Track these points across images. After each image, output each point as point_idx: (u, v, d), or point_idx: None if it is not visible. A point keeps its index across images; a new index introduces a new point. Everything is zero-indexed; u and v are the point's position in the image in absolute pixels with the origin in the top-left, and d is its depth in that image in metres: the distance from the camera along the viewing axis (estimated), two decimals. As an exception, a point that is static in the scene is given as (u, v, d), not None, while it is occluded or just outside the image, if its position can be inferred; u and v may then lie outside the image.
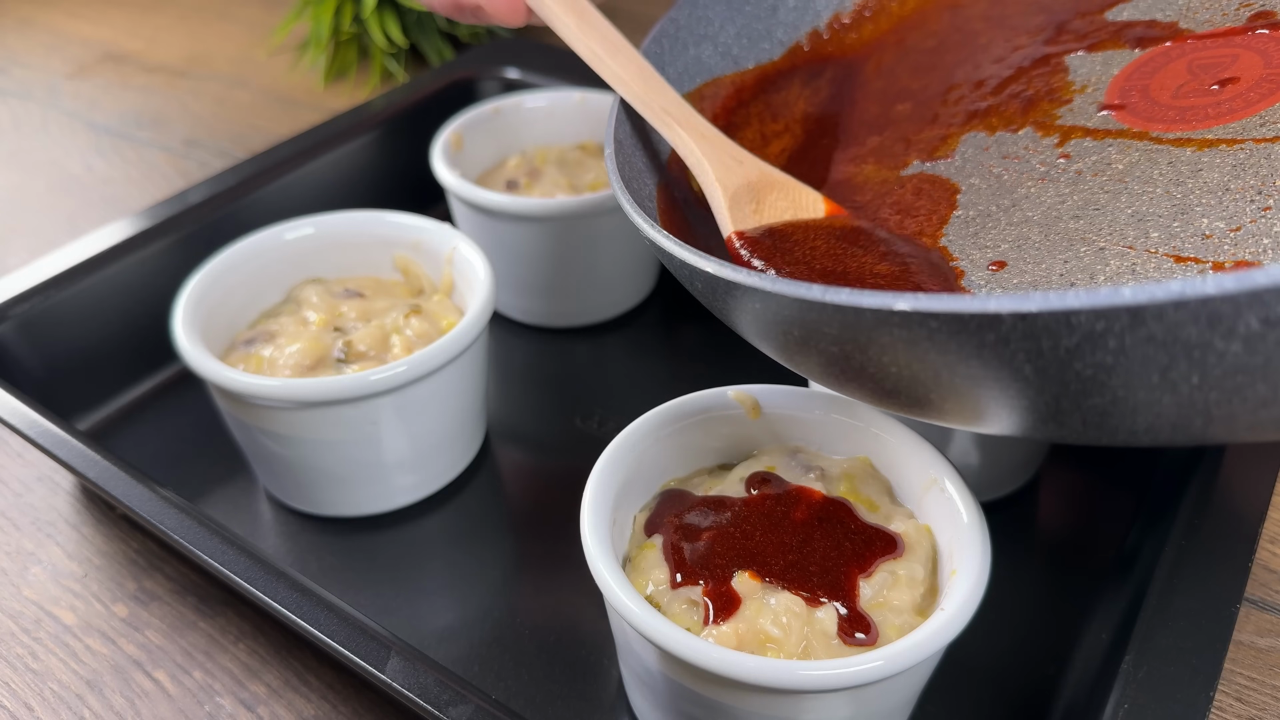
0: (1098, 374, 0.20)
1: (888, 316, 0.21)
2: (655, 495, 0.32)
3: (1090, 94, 0.33)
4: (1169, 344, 0.19)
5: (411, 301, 0.42)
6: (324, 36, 0.75)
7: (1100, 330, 0.19)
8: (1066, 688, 0.33)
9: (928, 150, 0.35)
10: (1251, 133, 0.29)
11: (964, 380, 0.22)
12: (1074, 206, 0.30)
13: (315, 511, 0.41)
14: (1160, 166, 0.30)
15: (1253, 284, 0.17)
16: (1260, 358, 0.18)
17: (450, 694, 0.28)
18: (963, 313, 0.20)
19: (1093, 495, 0.41)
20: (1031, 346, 0.20)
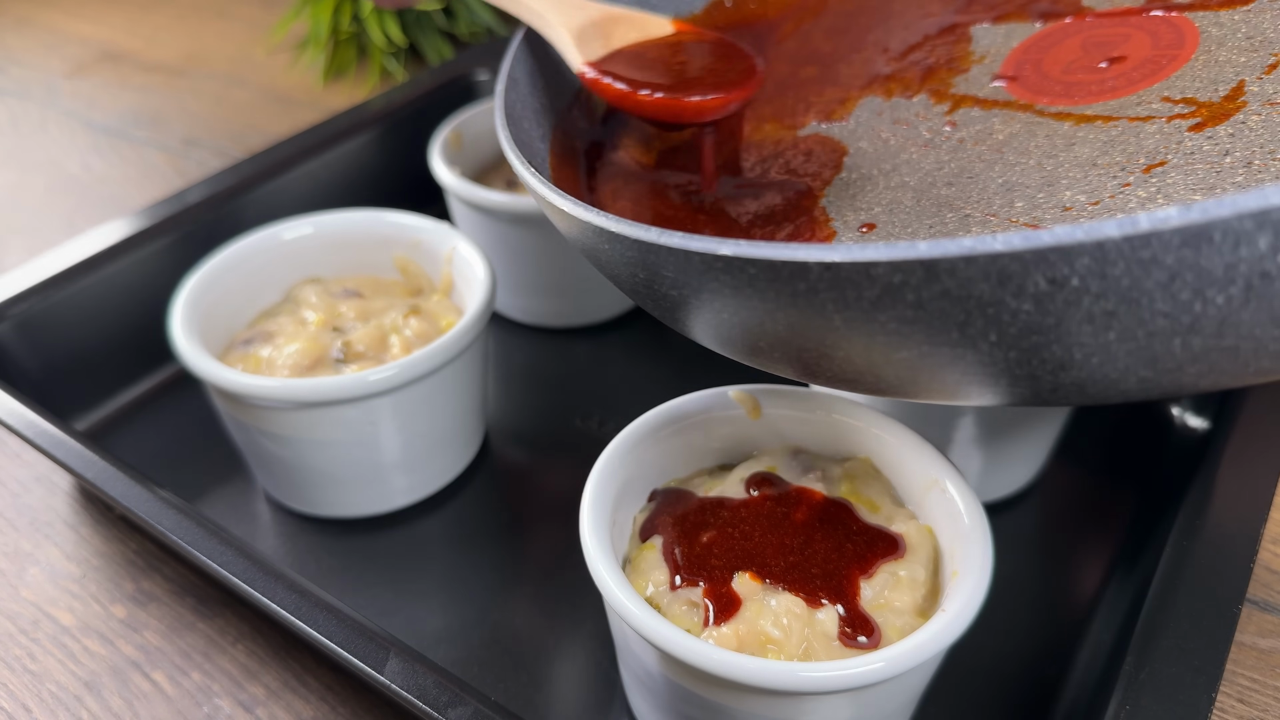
0: (900, 327, 0.21)
1: (710, 259, 0.22)
2: (654, 495, 0.32)
3: (987, 64, 0.34)
4: (964, 300, 0.19)
5: (410, 301, 0.42)
6: (323, 35, 0.75)
7: (898, 283, 0.19)
8: (1068, 689, 0.33)
9: (825, 112, 0.36)
10: (1128, 110, 0.30)
11: (785, 329, 0.23)
12: (949, 174, 0.31)
13: (314, 512, 0.41)
14: (1038, 138, 0.30)
15: (1039, 243, 0.18)
16: (1051, 318, 0.19)
17: (449, 695, 0.28)
18: (774, 259, 0.20)
19: (1094, 496, 0.41)
20: (839, 297, 0.20)
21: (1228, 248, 0.17)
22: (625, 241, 0.24)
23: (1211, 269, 0.18)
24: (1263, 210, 0.16)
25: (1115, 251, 0.17)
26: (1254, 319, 0.18)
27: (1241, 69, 0.29)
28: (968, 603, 0.26)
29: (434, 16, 0.76)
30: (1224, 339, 0.19)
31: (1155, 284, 0.18)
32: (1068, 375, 0.21)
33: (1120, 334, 0.19)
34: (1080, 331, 0.19)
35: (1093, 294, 0.18)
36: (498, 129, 0.32)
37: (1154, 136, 0.28)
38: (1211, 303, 0.18)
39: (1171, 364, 0.20)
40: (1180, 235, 0.17)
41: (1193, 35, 0.31)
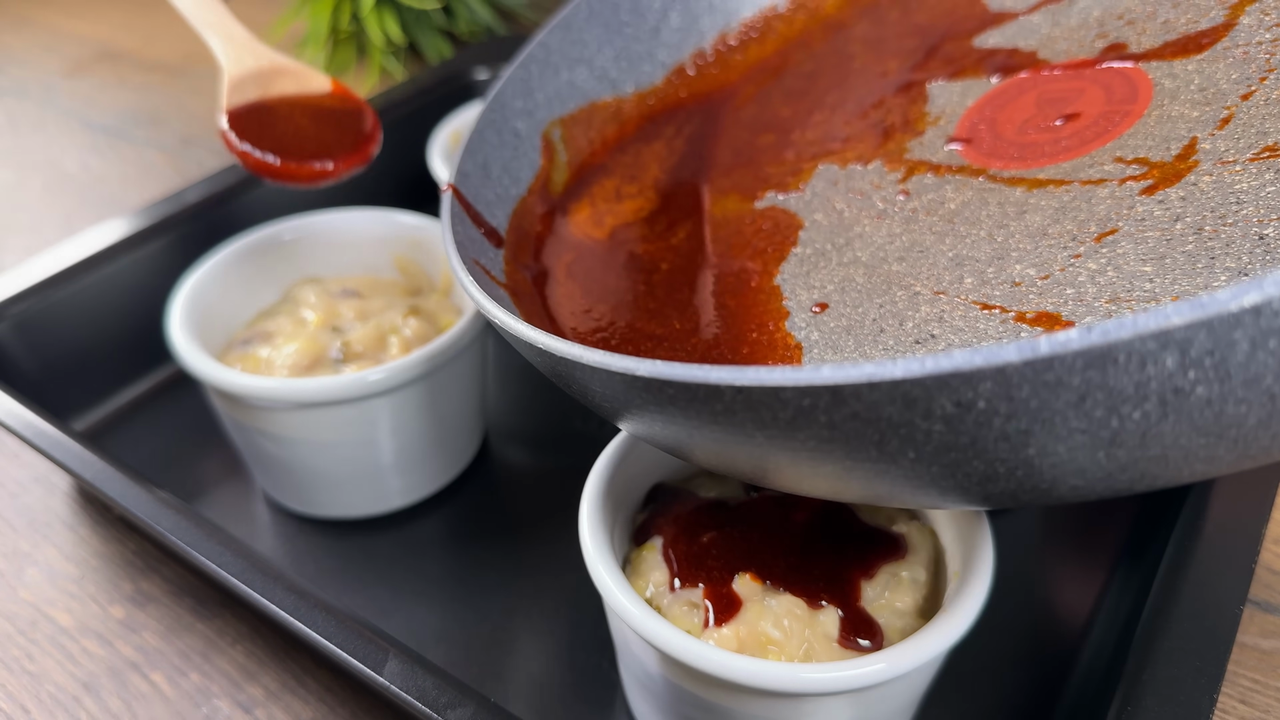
0: (820, 445, 0.20)
1: (630, 380, 0.22)
2: (654, 495, 0.32)
3: (942, 126, 0.33)
4: (875, 421, 0.19)
5: (410, 301, 0.42)
6: (322, 34, 0.75)
7: (808, 406, 0.19)
8: (1069, 690, 0.33)
9: (781, 183, 0.35)
10: (1080, 174, 0.29)
11: (716, 445, 0.23)
12: (901, 247, 0.30)
13: (313, 513, 0.41)
14: (990, 207, 0.30)
15: (939, 369, 0.17)
16: (965, 437, 0.19)
17: (449, 697, 0.28)
18: (689, 381, 0.20)
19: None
20: (755, 417, 0.20)
21: (1134, 368, 0.17)
22: (552, 357, 0.24)
23: (1121, 388, 0.17)
24: (1163, 331, 0.16)
25: (1018, 375, 0.17)
26: (1176, 430, 0.18)
27: (1194, 125, 0.28)
28: (969, 604, 0.26)
29: (433, 15, 0.76)
30: (1149, 450, 0.19)
31: (1065, 404, 0.18)
32: (996, 487, 0.21)
33: (1040, 450, 0.19)
34: (998, 449, 0.19)
35: (1002, 415, 0.18)
36: (444, 217, 0.33)
37: (1105, 201, 0.28)
38: (1128, 419, 0.18)
39: (1099, 474, 0.20)
40: (1082, 358, 0.17)
41: (1146, 88, 0.30)
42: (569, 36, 0.41)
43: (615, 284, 0.34)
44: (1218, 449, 0.19)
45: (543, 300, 0.34)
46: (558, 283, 0.35)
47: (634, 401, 0.23)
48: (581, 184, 0.39)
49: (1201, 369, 0.17)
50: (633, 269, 0.35)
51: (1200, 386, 0.17)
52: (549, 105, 0.40)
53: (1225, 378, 0.17)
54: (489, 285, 0.31)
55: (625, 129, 0.40)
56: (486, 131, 0.37)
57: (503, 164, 0.37)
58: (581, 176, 0.39)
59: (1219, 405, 0.17)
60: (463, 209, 0.34)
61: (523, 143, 0.38)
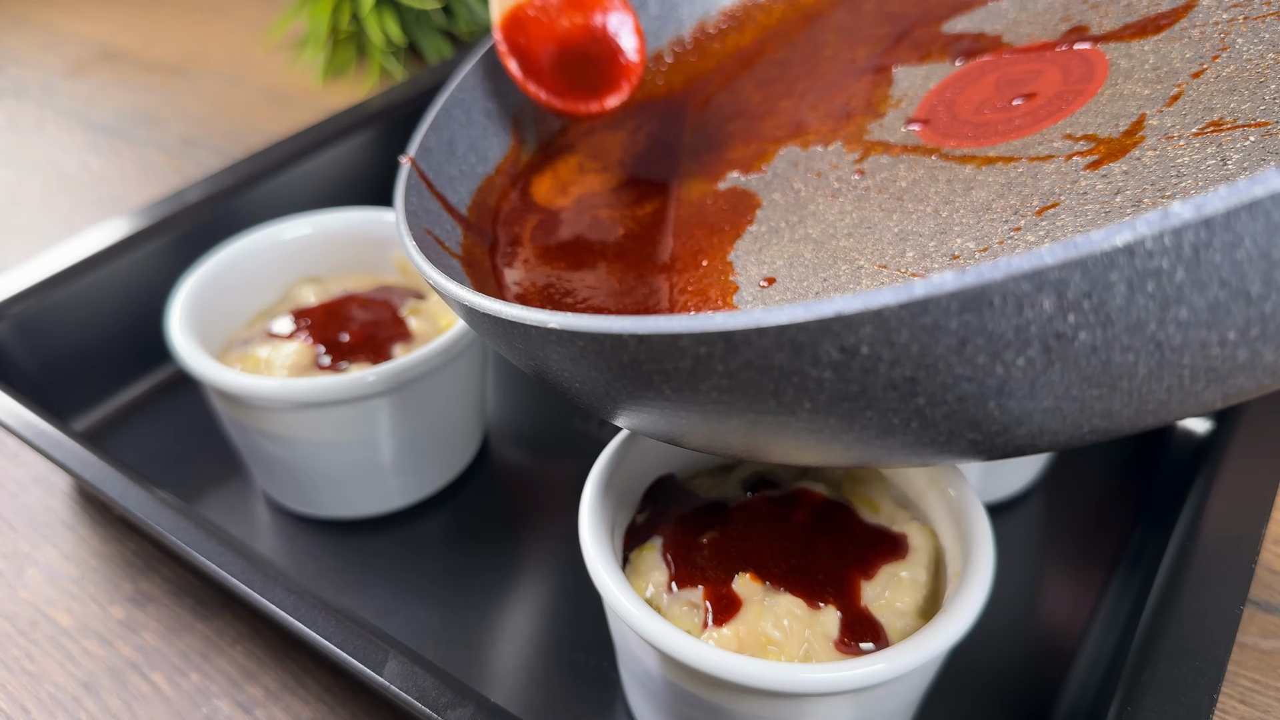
0: (722, 397, 0.20)
1: (545, 333, 0.22)
2: (655, 496, 0.32)
3: (903, 108, 0.33)
4: (768, 370, 0.19)
5: (410, 301, 0.42)
6: (322, 34, 0.75)
7: (705, 354, 0.19)
8: (1070, 690, 0.33)
9: (745, 164, 0.35)
10: (1029, 150, 0.29)
11: (630, 400, 0.23)
12: (850, 224, 0.30)
13: (312, 513, 0.41)
14: (939, 184, 0.30)
15: (820, 314, 0.17)
16: (855, 385, 0.19)
17: (449, 697, 0.28)
18: (595, 332, 0.20)
19: (1096, 497, 0.41)
20: (659, 368, 0.20)
21: (1011, 311, 0.17)
22: (476, 313, 0.24)
23: (1000, 332, 0.17)
24: (1037, 271, 0.16)
25: (895, 319, 0.17)
26: (1065, 380, 0.18)
27: (1144, 102, 0.28)
28: (969, 604, 0.26)
29: (433, 15, 0.75)
30: (1040, 401, 0.18)
31: (946, 349, 0.17)
32: (895, 439, 0.20)
33: (929, 399, 0.19)
34: (887, 397, 0.19)
35: (886, 361, 0.18)
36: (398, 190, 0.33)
37: (1051, 176, 0.28)
38: (1013, 366, 0.18)
39: (995, 427, 0.19)
40: (958, 300, 0.16)
41: (1102, 68, 0.30)
42: None
43: (572, 252, 0.34)
44: (1112, 402, 0.19)
45: (495, 270, 0.34)
46: (516, 251, 0.35)
47: (552, 358, 0.23)
48: (545, 159, 0.39)
49: (1081, 312, 0.16)
50: (591, 237, 0.35)
51: (1083, 332, 0.17)
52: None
53: (1107, 323, 0.17)
54: (439, 255, 0.31)
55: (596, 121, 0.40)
56: (454, 110, 0.37)
57: (470, 142, 0.37)
58: (547, 154, 0.39)
59: (1105, 353, 0.17)
60: (421, 181, 0.34)
61: (493, 123, 0.38)
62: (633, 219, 0.35)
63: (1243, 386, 0.19)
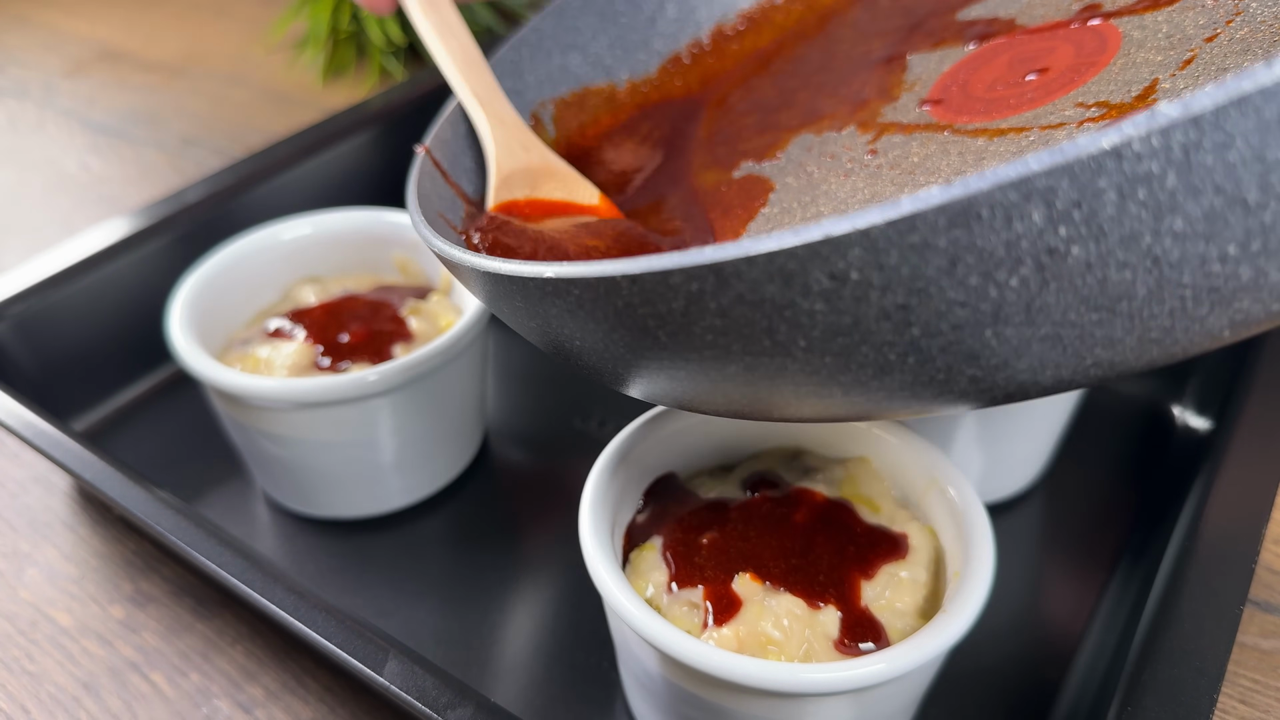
0: (717, 338, 0.20)
1: (541, 284, 0.22)
2: (655, 495, 0.32)
3: (917, 91, 0.33)
4: (760, 304, 0.19)
5: (410, 301, 0.42)
6: (322, 34, 0.75)
7: (697, 291, 0.19)
8: (1070, 690, 0.33)
9: (759, 153, 0.35)
10: (1041, 120, 0.29)
11: (628, 353, 0.22)
12: (862, 200, 0.30)
13: (312, 513, 0.41)
14: (950, 157, 0.29)
15: (809, 238, 0.17)
16: (848, 317, 0.18)
17: (449, 697, 0.28)
18: (589, 277, 0.20)
19: (1096, 497, 0.41)
20: (653, 311, 0.20)
21: (1000, 224, 0.16)
22: (477, 274, 0.24)
23: (991, 249, 0.16)
24: (1023, 179, 0.15)
25: (883, 239, 0.17)
26: (1062, 302, 0.17)
27: (1156, 68, 0.28)
28: (969, 604, 0.26)
29: (433, 15, 0.75)
30: (1039, 327, 0.18)
31: (937, 270, 0.17)
32: (892, 379, 0.20)
33: (924, 329, 0.18)
34: (881, 329, 0.18)
35: (877, 287, 0.17)
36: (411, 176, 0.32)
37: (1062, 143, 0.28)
38: (1007, 287, 0.17)
39: (995, 360, 0.19)
40: (945, 215, 0.16)
41: (1115, 40, 0.30)
42: (562, 23, 0.41)
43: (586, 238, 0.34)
44: (1114, 328, 0.18)
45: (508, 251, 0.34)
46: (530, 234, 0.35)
47: (553, 314, 0.23)
48: (564, 155, 0.39)
49: (1072, 223, 0.16)
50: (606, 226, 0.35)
51: (1075, 246, 0.16)
52: (539, 87, 0.40)
53: (1100, 234, 0.16)
54: (451, 235, 0.31)
55: (618, 116, 0.40)
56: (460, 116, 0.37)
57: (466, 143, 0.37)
58: (565, 151, 0.39)
59: (1100, 269, 0.17)
60: (435, 169, 0.34)
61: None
62: (646, 208, 0.35)
63: (1250, 311, 0.18)
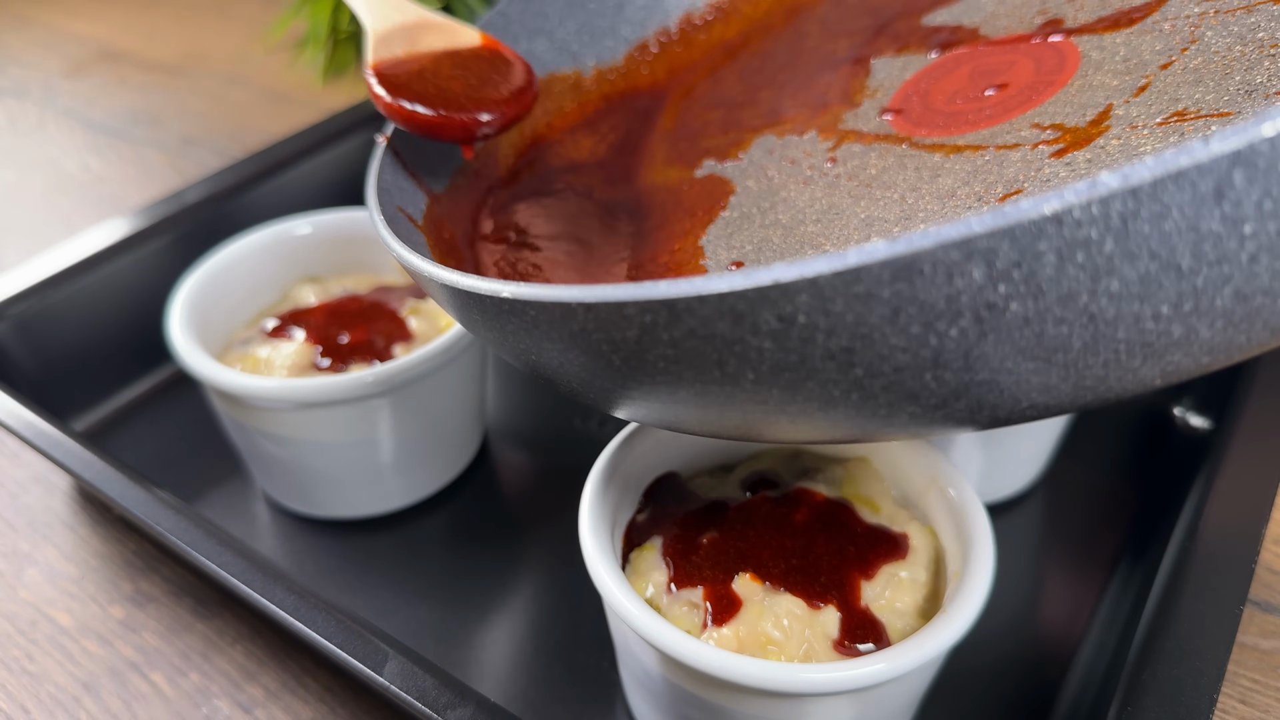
0: (669, 367, 0.20)
1: (498, 303, 0.22)
2: (654, 495, 0.32)
3: (878, 98, 0.34)
4: (711, 339, 0.19)
5: (410, 301, 0.42)
6: (322, 34, 0.75)
7: (650, 323, 0.19)
8: (1070, 690, 0.33)
9: (721, 152, 0.35)
10: (997, 139, 0.29)
11: (583, 371, 0.23)
12: (819, 210, 0.30)
13: (312, 513, 0.41)
14: (907, 171, 0.30)
15: (759, 281, 0.17)
16: (795, 355, 0.19)
17: (449, 697, 0.28)
18: (545, 300, 0.20)
19: (1096, 497, 0.41)
20: (607, 338, 0.20)
21: (941, 280, 0.17)
22: (434, 284, 0.24)
23: (932, 302, 0.17)
24: (965, 239, 0.16)
25: (830, 287, 0.17)
26: (999, 352, 0.18)
27: (1112, 93, 0.28)
28: (969, 604, 0.26)
29: (433, 15, 0.75)
30: (976, 374, 0.18)
31: (880, 318, 0.17)
32: (837, 413, 0.20)
33: (867, 370, 0.19)
34: (826, 368, 0.19)
35: (823, 330, 0.18)
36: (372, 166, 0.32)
37: (1016, 164, 0.28)
38: (946, 336, 0.18)
39: (933, 400, 0.19)
40: (889, 269, 0.16)
41: (1074, 60, 0.30)
42: (529, 7, 0.41)
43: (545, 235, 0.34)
44: (1049, 375, 0.18)
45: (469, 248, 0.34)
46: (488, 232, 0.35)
47: (509, 330, 0.23)
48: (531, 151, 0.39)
49: (1011, 282, 0.16)
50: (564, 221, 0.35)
51: (1014, 303, 0.17)
52: None
53: (1038, 293, 0.17)
54: (410, 232, 0.31)
55: (584, 108, 0.40)
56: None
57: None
58: (532, 144, 0.39)
59: (1038, 325, 0.17)
60: (395, 160, 0.34)
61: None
62: (607, 203, 0.35)
63: (1180, 364, 0.19)
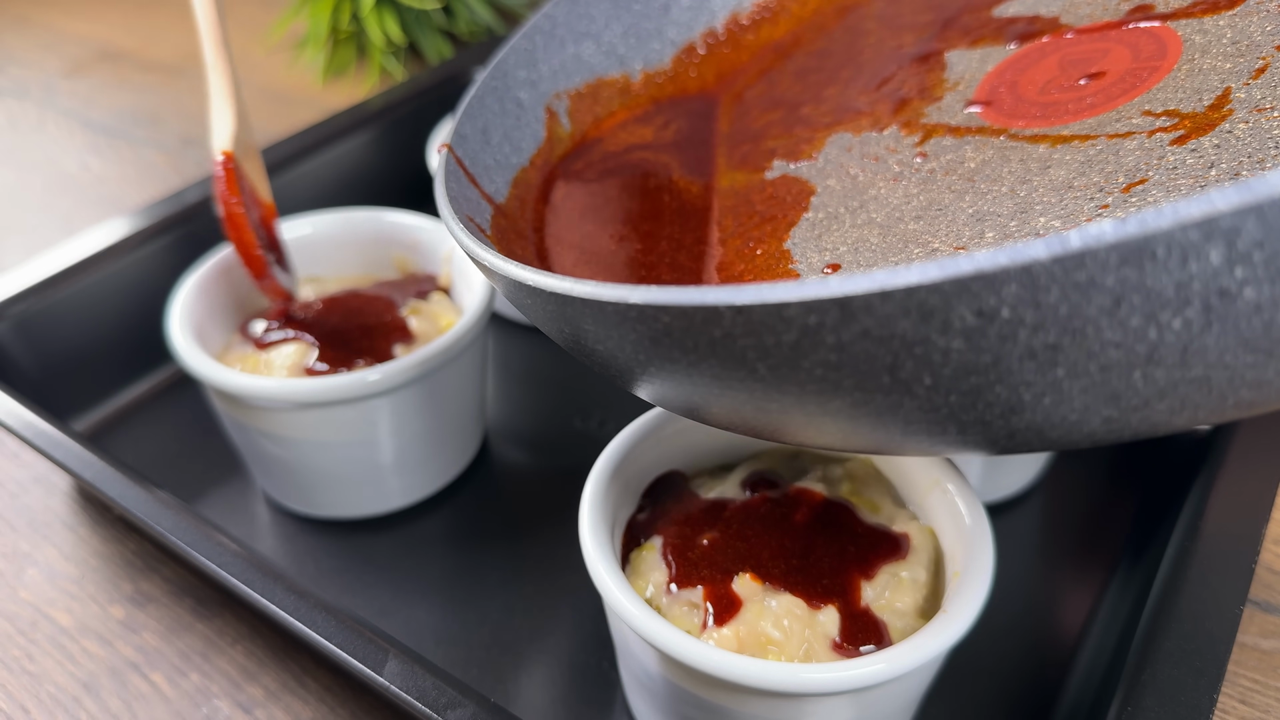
0: (827, 373, 0.19)
1: (624, 310, 0.20)
2: (654, 495, 0.32)
3: (961, 91, 0.32)
4: (887, 340, 0.17)
5: (410, 301, 0.42)
6: (322, 34, 0.75)
7: (814, 325, 0.18)
8: (1070, 690, 0.33)
9: (792, 152, 0.34)
10: (1106, 128, 0.28)
11: (713, 383, 0.21)
12: (918, 207, 0.29)
13: (312, 513, 0.41)
14: (1011, 164, 0.29)
15: (958, 272, 0.16)
16: (988, 356, 0.17)
17: (449, 697, 0.28)
18: (685, 305, 0.19)
19: (1096, 497, 0.41)
20: (756, 343, 0.19)
21: (1175, 264, 0.15)
22: (541, 294, 0.23)
23: (1160, 290, 0.15)
24: (1208, 219, 0.14)
25: (1046, 276, 0.15)
26: (1220, 344, 0.16)
27: (1227, 76, 0.27)
28: (969, 604, 0.26)
29: (433, 15, 0.75)
30: (1190, 369, 0.17)
31: (1098, 310, 0.16)
32: (1021, 419, 0.19)
33: (1069, 370, 0.17)
34: (1023, 369, 0.17)
35: (1029, 326, 0.16)
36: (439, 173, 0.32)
37: (1134, 153, 0.27)
38: (1168, 329, 0.16)
39: (1136, 401, 0.18)
40: (1118, 253, 0.15)
41: (1175, 45, 0.29)
42: (575, 10, 0.40)
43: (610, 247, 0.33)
44: (1266, 370, 0.17)
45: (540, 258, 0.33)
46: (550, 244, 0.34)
47: (628, 338, 0.21)
48: (581, 153, 0.38)
49: (1250, 265, 0.15)
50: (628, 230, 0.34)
51: (1249, 288, 0.15)
52: (554, 78, 0.39)
53: (1275, 277, 0.15)
54: (483, 240, 0.31)
55: (633, 110, 0.40)
56: (487, 98, 0.37)
57: (504, 131, 0.37)
58: (583, 147, 0.38)
59: (1269, 312, 0.16)
60: (459, 168, 0.33)
61: (525, 112, 0.38)
62: (672, 210, 0.34)
63: None
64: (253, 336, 0.40)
